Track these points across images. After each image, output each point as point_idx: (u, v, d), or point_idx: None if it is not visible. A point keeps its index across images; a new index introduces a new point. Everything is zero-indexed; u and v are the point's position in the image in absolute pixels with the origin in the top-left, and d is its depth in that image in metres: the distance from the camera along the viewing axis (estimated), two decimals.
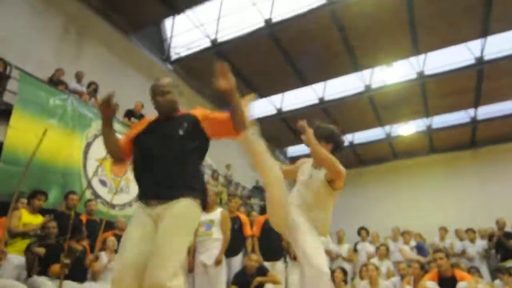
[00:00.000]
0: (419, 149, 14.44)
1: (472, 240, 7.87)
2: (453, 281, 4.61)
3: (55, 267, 3.62)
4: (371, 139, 14.38)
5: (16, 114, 5.14)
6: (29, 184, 4.78)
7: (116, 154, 2.12)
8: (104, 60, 9.06)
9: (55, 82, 6.69)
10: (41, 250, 3.69)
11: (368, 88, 11.50)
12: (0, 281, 3.08)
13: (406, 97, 11.56)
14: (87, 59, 8.61)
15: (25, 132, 4.98)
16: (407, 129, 13.82)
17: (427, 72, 10.72)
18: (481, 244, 7.77)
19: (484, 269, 7.23)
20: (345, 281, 5.65)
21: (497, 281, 5.37)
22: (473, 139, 13.61)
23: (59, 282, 3.50)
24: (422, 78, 10.80)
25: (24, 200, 4.42)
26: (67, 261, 3.57)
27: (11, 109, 5.28)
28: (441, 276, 4.73)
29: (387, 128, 13.90)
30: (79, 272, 3.94)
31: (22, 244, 3.90)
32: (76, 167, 5.83)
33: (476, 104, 11.79)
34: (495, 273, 6.84)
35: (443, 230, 8.45)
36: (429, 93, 11.31)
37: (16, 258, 3.81)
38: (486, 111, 12.33)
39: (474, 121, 12.66)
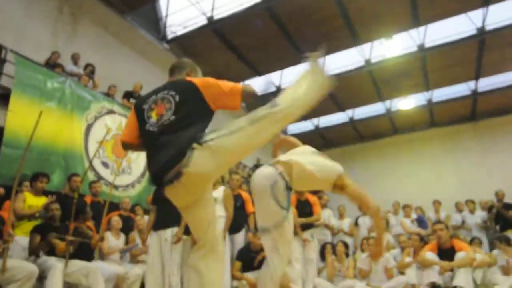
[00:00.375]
0: (419, 123, 14.41)
1: (472, 211, 7.99)
2: (452, 251, 4.72)
3: (61, 245, 3.71)
4: (371, 115, 14.33)
5: (14, 97, 5.13)
6: (31, 167, 4.83)
7: None
8: (100, 41, 8.94)
9: (52, 65, 6.63)
10: (59, 242, 3.73)
11: (368, 62, 11.36)
12: (10, 262, 3.16)
13: (406, 71, 11.44)
14: (83, 40, 8.50)
15: (24, 116, 4.99)
16: (407, 103, 13.75)
17: (428, 44, 10.56)
18: (480, 215, 7.90)
19: (483, 240, 7.38)
20: (347, 254, 5.78)
21: (495, 251, 5.48)
22: (473, 112, 13.56)
23: (65, 261, 3.59)
24: (422, 50, 10.65)
25: (28, 183, 4.48)
26: (71, 238, 3.66)
27: (9, 93, 5.26)
28: (440, 247, 4.84)
29: (387, 103, 13.83)
30: (86, 251, 4.03)
31: (28, 226, 3.97)
32: (77, 149, 5.86)
33: (477, 76, 11.67)
34: (494, 244, 6.99)
35: (437, 203, 8.58)
36: (429, 66, 11.18)
37: (23, 239, 3.89)
38: (486, 83, 12.22)
39: (474, 94, 12.56)
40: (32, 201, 4.20)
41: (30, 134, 3.89)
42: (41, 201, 4.26)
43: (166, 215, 4.32)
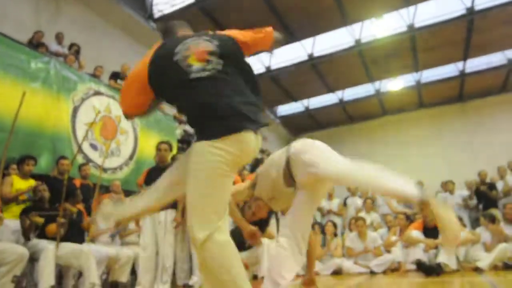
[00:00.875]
0: (408, 104, 14.54)
1: (451, 192, 8.19)
2: (436, 230, 4.84)
3: (51, 227, 3.70)
4: (360, 96, 14.39)
5: None
6: (18, 150, 4.74)
7: None
8: (84, 20, 8.68)
9: (35, 44, 6.43)
10: (39, 220, 3.74)
11: (358, 42, 11.31)
12: (0, 244, 3.15)
13: (396, 51, 11.44)
14: (67, 19, 8.24)
15: (8, 97, 4.85)
16: (396, 84, 13.82)
17: (418, 24, 10.54)
18: (459, 194, 8.11)
19: (465, 219, 7.61)
20: (335, 234, 5.91)
21: (479, 228, 5.65)
22: (461, 93, 13.72)
23: (56, 243, 3.59)
24: (412, 30, 10.63)
25: (15, 166, 4.41)
26: (62, 220, 3.65)
27: None
28: (425, 226, 4.98)
29: (377, 84, 13.87)
30: (76, 234, 4.03)
31: (17, 209, 3.93)
32: (65, 131, 5.76)
33: (465, 57, 11.75)
34: (475, 222, 7.21)
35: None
36: (419, 46, 11.20)
37: (13, 222, 3.87)
38: (474, 64, 12.33)
39: (462, 74, 12.68)
40: (20, 185, 4.14)
41: (15, 115, 3.82)
42: (29, 184, 4.21)
43: None
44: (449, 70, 12.74)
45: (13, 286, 3.23)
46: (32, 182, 4.21)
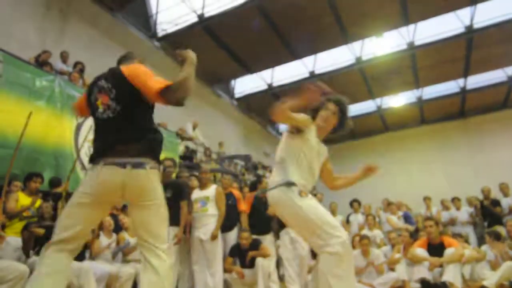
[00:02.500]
0: (410, 120, 14.59)
1: (458, 208, 8.13)
2: (441, 247, 4.81)
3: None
4: (362, 112, 14.46)
5: (2, 96, 5.03)
6: (21, 167, 4.77)
7: None
8: (89, 39, 8.84)
9: (40, 63, 6.54)
10: (40, 231, 3.73)
11: (358, 60, 11.45)
12: (0, 262, 3.12)
13: (396, 68, 11.56)
14: (71, 37, 8.39)
15: (13, 115, 4.90)
16: (398, 101, 13.91)
17: (418, 42, 10.68)
18: (466, 210, 8.04)
19: (471, 236, 7.52)
20: None
21: (484, 246, 5.58)
22: (462, 109, 13.78)
23: None
24: (412, 48, 10.77)
25: (18, 183, 4.42)
26: None
27: None
28: (430, 243, 4.92)
29: (378, 100, 13.96)
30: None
31: (20, 226, 3.93)
32: (67, 148, 5.79)
33: (465, 74, 11.85)
34: (481, 239, 7.12)
35: (428, 200, 8.71)
36: (419, 64, 11.32)
37: (15, 240, 3.85)
38: (475, 81, 12.42)
39: (463, 91, 12.76)
40: (25, 201, 4.15)
41: (20, 134, 3.85)
42: (36, 201, 4.22)
43: None
44: (450, 86, 12.84)
45: None
46: (38, 200, 4.23)
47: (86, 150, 5.80)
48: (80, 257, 4.01)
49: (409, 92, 13.36)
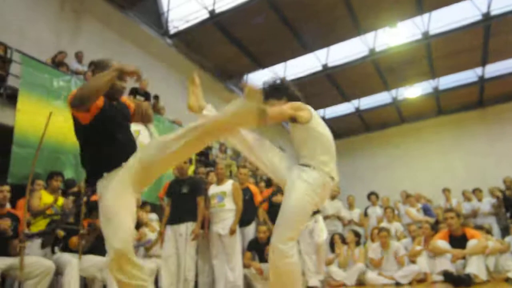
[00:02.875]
0: (426, 111, 14.33)
1: (480, 199, 7.97)
2: (463, 239, 4.72)
3: (74, 239, 3.76)
4: (377, 104, 14.27)
5: (22, 97, 5.15)
6: (43, 166, 4.87)
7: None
8: (103, 38, 8.92)
9: (57, 63, 6.64)
10: (61, 233, 3.81)
11: (372, 51, 11.28)
12: (27, 258, 3.20)
13: (411, 59, 11.35)
14: (85, 37, 8.49)
15: (33, 115, 5.01)
16: (414, 92, 13.66)
17: (432, 31, 10.46)
18: (488, 201, 7.88)
19: (494, 227, 7.36)
20: (358, 243, 5.79)
21: (508, 238, 5.46)
22: (480, 98, 13.46)
23: (79, 255, 3.64)
24: (427, 38, 10.55)
25: (41, 182, 4.52)
26: (84, 231, 3.71)
27: (16, 93, 5.28)
28: (451, 235, 4.83)
29: (393, 92, 13.74)
30: (100, 247, 4.06)
31: (44, 223, 4.02)
32: None
33: (483, 62, 11.56)
34: (505, 230, 6.96)
35: (447, 192, 8.55)
36: (435, 54, 11.08)
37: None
38: (493, 69, 12.11)
39: (481, 80, 12.46)
40: (48, 199, 4.25)
41: (41, 135, 3.92)
42: (58, 199, 4.32)
43: (181, 209, 4.36)
44: (468, 76, 12.54)
45: None
46: (60, 199, 4.31)
47: None
48: (102, 252, 4.07)
49: (425, 83, 13.10)
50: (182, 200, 4.35)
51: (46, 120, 3.90)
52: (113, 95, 2.17)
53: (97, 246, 3.99)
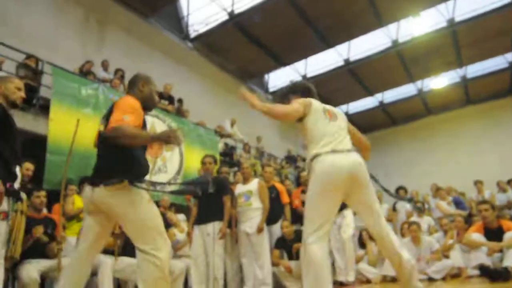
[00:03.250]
0: (454, 101, 13.87)
1: None
2: (499, 231, 4.54)
3: (109, 240, 3.88)
4: (402, 97, 13.94)
5: (54, 107, 5.38)
6: (75, 172, 5.07)
7: None
8: (126, 45, 9.19)
9: (84, 72, 6.89)
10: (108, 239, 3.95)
11: (395, 43, 11.03)
12: (64, 260, 3.35)
13: (436, 48, 11.02)
14: (110, 45, 8.77)
15: (64, 123, 5.22)
16: (440, 82, 13.25)
17: (458, 18, 10.11)
18: None
19: None
20: None
21: None
22: (511, 85, 12.89)
23: (115, 255, 3.77)
24: (453, 25, 10.21)
25: (73, 187, 4.70)
26: (118, 231, 3.83)
27: (48, 103, 5.52)
28: (486, 228, 4.66)
29: (419, 83, 13.39)
30: (133, 249, 4.18)
31: (78, 226, 4.18)
32: None
33: None
34: None
35: (479, 184, 8.26)
36: (461, 41, 10.71)
37: (74, 240, 4.10)
38: None
39: None
40: (80, 204, 4.42)
41: (71, 142, 4.09)
42: None
43: (207, 209, 4.42)
44: (497, 62, 12.04)
45: None
46: None
47: None
48: (135, 254, 4.20)
49: (452, 72, 12.68)
50: (208, 200, 4.41)
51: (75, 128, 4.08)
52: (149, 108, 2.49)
53: (130, 248, 4.12)
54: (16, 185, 2.87)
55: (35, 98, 5.76)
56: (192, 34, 10.89)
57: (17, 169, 2.69)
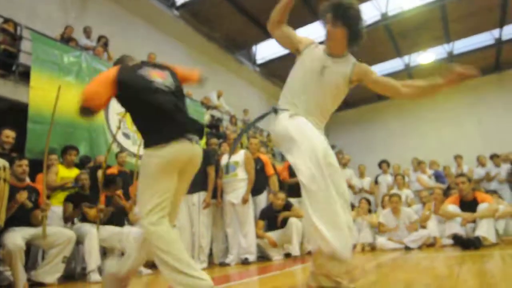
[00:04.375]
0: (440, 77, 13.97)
1: (498, 165, 7.93)
2: (474, 203, 4.73)
3: (92, 212, 3.93)
4: (389, 71, 13.96)
5: (34, 74, 5.23)
6: (58, 141, 5.02)
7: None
8: (110, 12, 8.87)
9: (66, 39, 6.66)
10: (89, 211, 3.97)
11: (384, 16, 10.93)
12: (49, 229, 3.38)
13: (425, 23, 10.96)
14: (93, 13, 8.45)
15: (46, 91, 5.11)
16: (427, 57, 13.28)
17: None
18: (505, 168, 7.84)
19: (507, 193, 7.36)
20: (370, 210, 5.88)
21: None
22: (497, 62, 13.02)
23: (96, 226, 3.82)
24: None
25: (55, 156, 4.66)
26: (102, 206, 3.88)
27: (29, 70, 5.36)
28: (462, 200, 4.85)
29: (406, 58, 13.39)
30: (118, 218, 4.24)
31: (63, 196, 4.19)
32: (99, 122, 6.00)
33: (501, 23, 11.10)
34: None
35: (459, 158, 8.53)
36: (450, 16, 10.67)
37: (59, 209, 4.12)
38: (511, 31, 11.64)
39: (498, 43, 12.01)
40: (64, 173, 4.41)
41: (53, 110, 4.02)
42: (73, 172, 4.46)
43: (192, 180, 4.45)
44: (484, 38, 12.09)
45: (64, 266, 3.47)
46: (76, 171, 4.46)
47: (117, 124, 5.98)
48: (120, 223, 4.26)
49: (439, 47, 12.71)
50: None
51: (60, 96, 3.99)
52: None
53: (116, 217, 4.17)
54: None
55: (14, 65, 5.58)
56: (178, 1, 10.55)
57: None
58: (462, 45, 12.50)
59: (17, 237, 3.15)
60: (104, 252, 4.13)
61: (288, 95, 2.16)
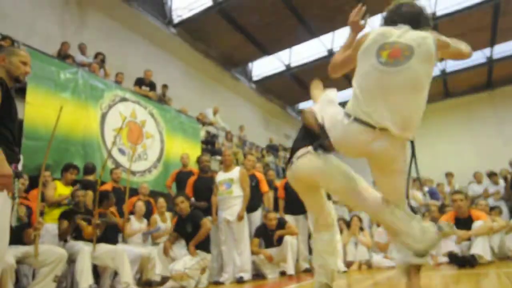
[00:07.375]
0: (433, 94, 13.83)
1: (496, 183, 7.97)
2: (469, 221, 4.74)
3: (88, 229, 3.88)
4: None
5: (30, 90, 5.23)
6: (52, 157, 4.98)
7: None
8: (108, 29, 8.97)
9: (63, 56, 6.70)
10: (83, 223, 3.93)
11: None
12: (41, 247, 3.32)
13: None
14: (91, 29, 8.54)
15: (42, 108, 5.11)
16: None
17: (439, 12, 10.28)
18: (503, 185, 7.88)
19: (503, 210, 7.37)
20: (361, 228, 5.85)
21: None
22: (489, 80, 13.25)
23: (93, 244, 3.76)
24: (434, 19, 10.36)
25: (48, 173, 4.63)
26: (98, 221, 3.83)
27: (25, 86, 5.36)
28: (457, 217, 4.86)
29: None
30: (111, 235, 4.19)
31: (57, 213, 4.14)
32: (94, 138, 5.99)
33: (492, 43, 11.34)
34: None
35: (450, 176, 8.57)
36: (442, 35, 10.88)
37: (53, 227, 4.07)
38: (502, 50, 11.89)
39: (490, 61, 12.25)
40: (62, 191, 4.39)
41: (50, 127, 4.02)
42: (70, 190, 4.44)
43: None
44: (476, 57, 12.32)
45: (55, 286, 3.40)
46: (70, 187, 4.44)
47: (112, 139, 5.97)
48: (113, 241, 4.21)
49: None
50: (188, 235, 4.37)
51: (55, 113, 3.98)
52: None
53: (108, 235, 4.12)
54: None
55: None
56: (176, 19, 10.70)
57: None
58: (455, 63, 12.71)
59: (9, 255, 3.10)
60: (97, 272, 4.07)
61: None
